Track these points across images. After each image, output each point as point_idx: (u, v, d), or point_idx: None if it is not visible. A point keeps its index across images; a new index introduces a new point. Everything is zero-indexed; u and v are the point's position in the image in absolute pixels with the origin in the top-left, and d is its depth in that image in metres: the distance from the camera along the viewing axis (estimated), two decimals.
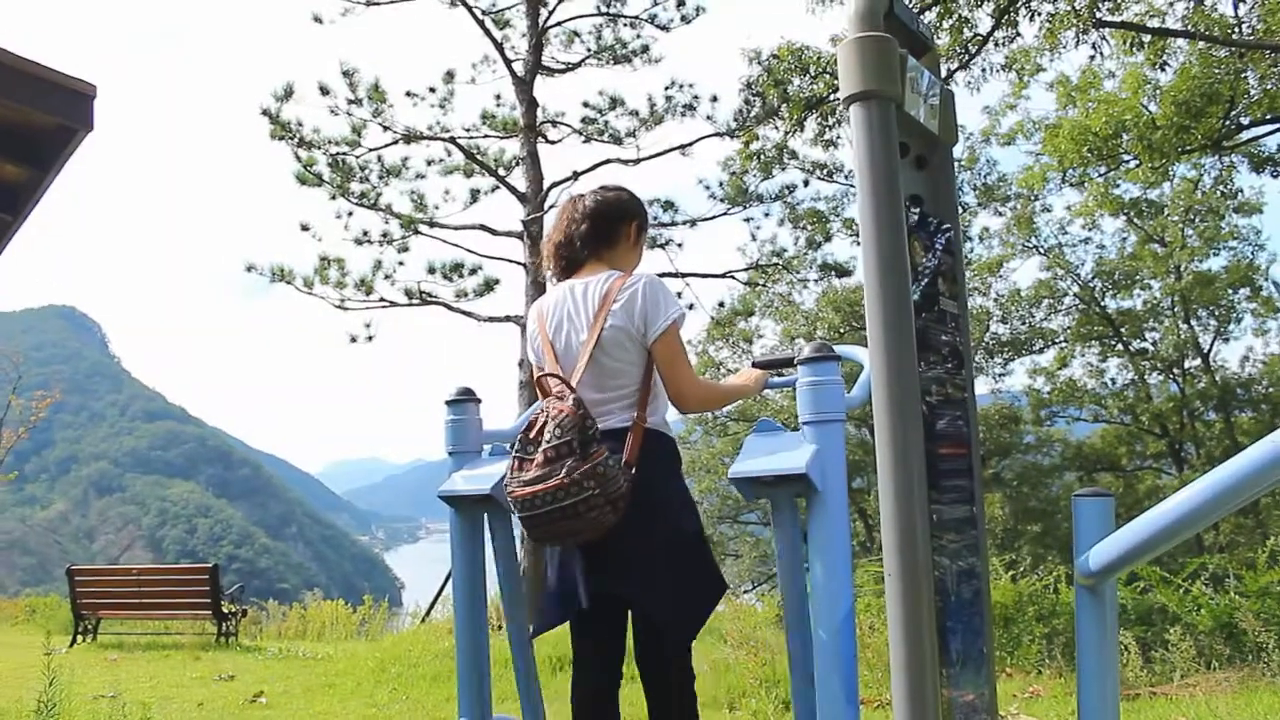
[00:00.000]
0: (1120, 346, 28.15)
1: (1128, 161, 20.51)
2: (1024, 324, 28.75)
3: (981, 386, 29.36)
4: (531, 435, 2.75)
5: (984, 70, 13.20)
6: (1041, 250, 27.74)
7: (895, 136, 2.41)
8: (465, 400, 3.38)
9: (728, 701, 6.29)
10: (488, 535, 3.36)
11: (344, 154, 11.73)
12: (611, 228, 3.06)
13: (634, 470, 2.76)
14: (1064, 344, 28.82)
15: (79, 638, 11.83)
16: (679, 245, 12.31)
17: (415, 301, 11.66)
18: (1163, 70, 14.78)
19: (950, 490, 2.54)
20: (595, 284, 2.94)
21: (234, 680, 8.59)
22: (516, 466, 2.73)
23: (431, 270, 11.72)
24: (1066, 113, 20.87)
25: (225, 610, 11.54)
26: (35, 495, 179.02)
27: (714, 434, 30.37)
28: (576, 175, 11.86)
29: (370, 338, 11.86)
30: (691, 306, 12.41)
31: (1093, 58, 13.67)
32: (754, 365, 3.32)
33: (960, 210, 27.04)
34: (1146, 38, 13.69)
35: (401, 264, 11.98)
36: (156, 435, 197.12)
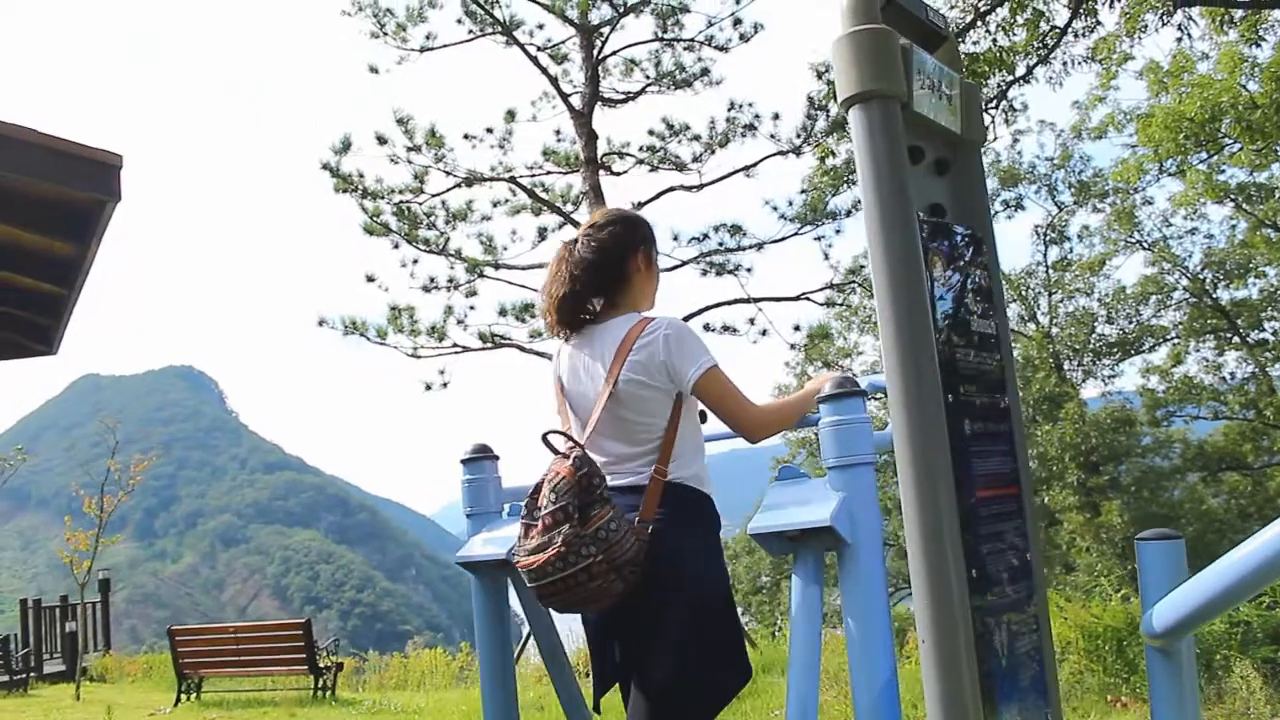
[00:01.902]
0: (1237, 339, 26.91)
1: (1229, 146, 19.61)
2: (1132, 323, 27.76)
3: (1091, 389, 28.37)
4: (534, 500, 2.51)
5: (1066, 64, 12.61)
6: (1145, 245, 26.75)
7: (901, 140, 2.12)
8: (481, 458, 3.17)
9: None
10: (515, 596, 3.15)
11: (408, 202, 11.75)
12: (618, 268, 2.75)
13: (650, 529, 2.48)
14: (1176, 340, 27.70)
15: (183, 696, 11.95)
16: (748, 270, 12.02)
17: (488, 345, 11.59)
18: (1259, 46, 13.98)
19: (995, 538, 2.22)
20: (613, 329, 2.67)
21: None
22: (523, 533, 2.51)
23: (503, 312, 11.61)
24: (1159, 100, 20.06)
25: (321, 664, 11.53)
26: (165, 550, 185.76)
27: (819, 455, 29.81)
28: (638, 205, 11.66)
29: (445, 384, 11.84)
30: (765, 333, 12.06)
31: (1180, 40, 12.96)
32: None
33: (1057, 210, 26.30)
34: (1238, 13, 12.97)
35: (472, 308, 11.94)
36: (276, 486, 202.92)
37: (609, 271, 2.73)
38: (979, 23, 11.74)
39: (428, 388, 11.89)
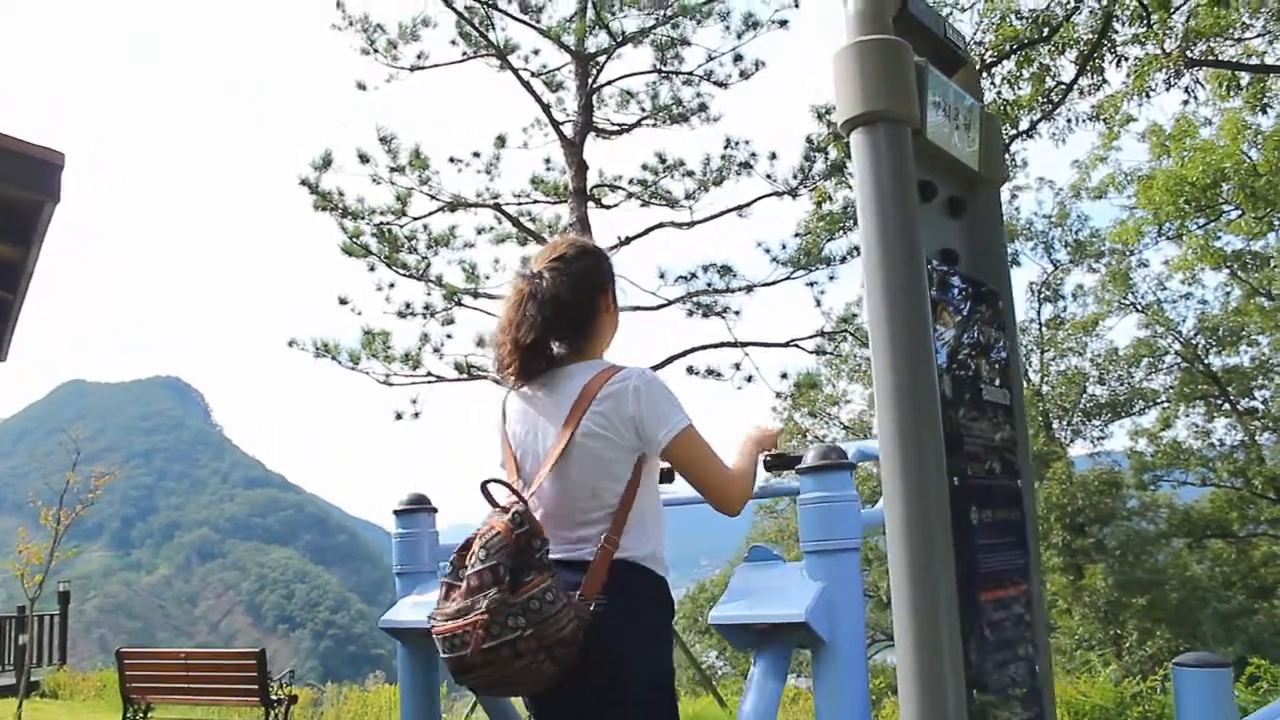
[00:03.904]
0: (1227, 406, 26.74)
1: (1229, 212, 19.50)
2: (1123, 384, 27.60)
3: (1080, 449, 28.13)
4: (461, 557, 2.14)
5: (1070, 121, 12.44)
6: (1139, 307, 26.64)
7: (911, 172, 1.78)
8: (416, 510, 2.81)
9: None
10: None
11: (389, 224, 11.44)
12: (589, 308, 2.38)
13: (592, 608, 2.10)
14: (1166, 404, 27.53)
15: None
16: (736, 313, 11.68)
17: (464, 376, 11.23)
18: (1264, 113, 13.85)
19: (1002, 648, 1.86)
20: (574, 377, 2.30)
21: None
22: (443, 594, 2.14)
23: (480, 343, 11.27)
24: (1160, 163, 19.99)
25: (274, 696, 11.07)
26: (140, 561, 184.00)
27: None
28: (626, 241, 11.37)
29: (417, 414, 11.48)
30: (750, 379, 11.73)
31: (1186, 102, 12.83)
32: (765, 465, 2.64)
33: (1052, 267, 26.19)
34: (1245, 79, 12.82)
35: (449, 337, 11.58)
36: (256, 502, 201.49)
37: (579, 311, 2.35)
38: (984, 74, 11.54)
39: (398, 417, 11.55)
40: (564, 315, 2.31)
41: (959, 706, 1.63)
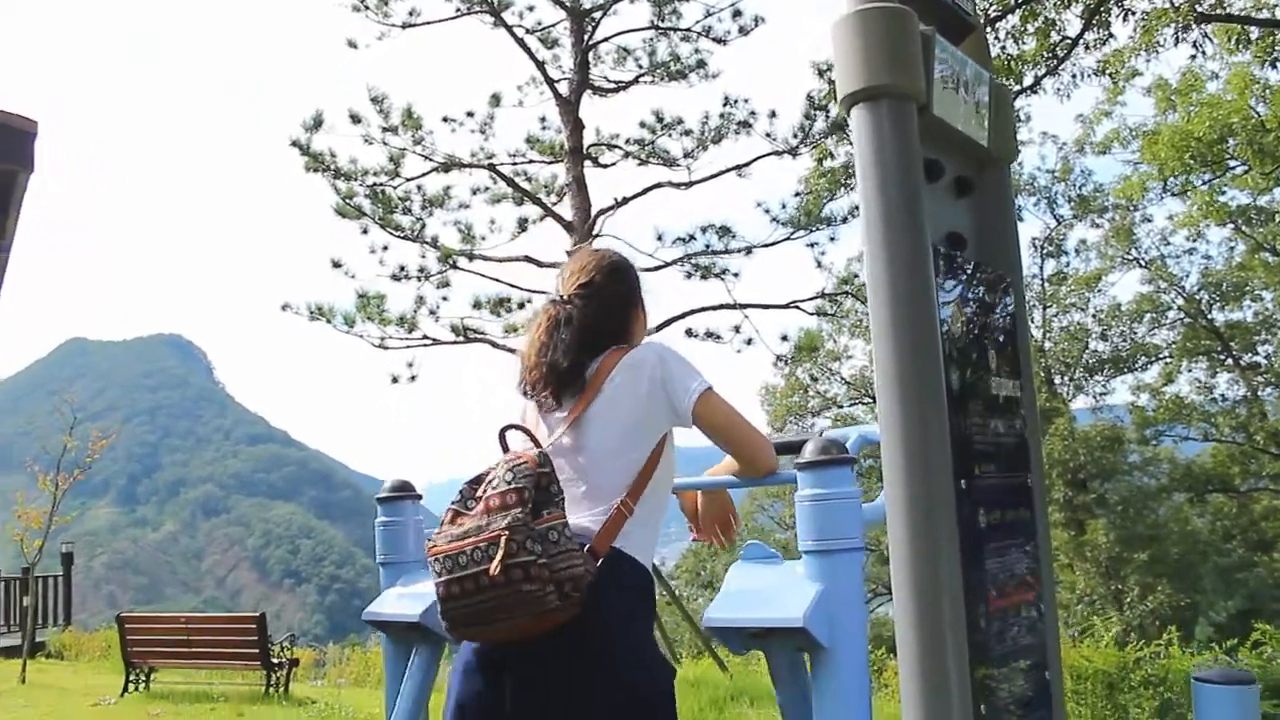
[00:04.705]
0: (1230, 361, 26.67)
1: (1234, 167, 19.29)
2: (1125, 340, 27.48)
3: (1081, 403, 28.09)
4: (474, 486, 2.07)
5: (1075, 76, 12.22)
6: (1142, 262, 26.48)
7: (917, 151, 1.66)
8: (400, 498, 2.71)
9: None
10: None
11: (382, 185, 11.24)
12: (620, 330, 2.35)
13: (600, 563, 2.03)
14: (1169, 359, 27.46)
15: (131, 686, 11.47)
16: (735, 275, 11.49)
17: (460, 339, 11.09)
18: (1273, 68, 13.59)
19: (1010, 658, 1.76)
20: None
21: None
22: (449, 519, 2.04)
23: (477, 305, 11.10)
24: (1166, 118, 19.76)
25: (275, 660, 11.08)
26: (146, 517, 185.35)
27: None
28: (623, 201, 11.17)
29: (413, 378, 11.35)
30: (750, 341, 11.58)
31: (1194, 57, 12.58)
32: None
33: (1055, 223, 26.02)
34: (1254, 33, 12.57)
35: (445, 299, 11.42)
36: (260, 459, 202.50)
37: (611, 334, 2.32)
38: (988, 29, 11.31)
39: (394, 380, 11.43)
40: (597, 338, 2.28)
41: (964, 703, 1.54)
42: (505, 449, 2.17)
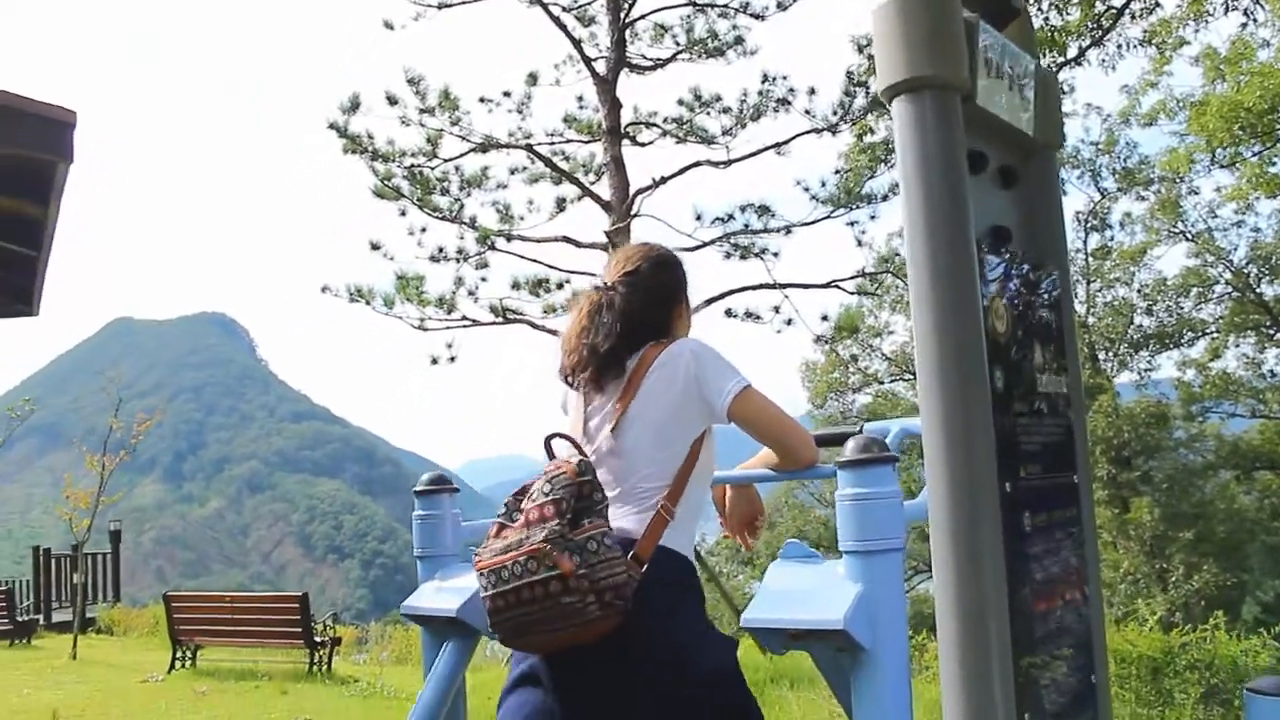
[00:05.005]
0: (1279, 335, 26.08)
1: None
2: (1171, 315, 26.98)
3: (1125, 379, 27.68)
4: (518, 499, 2.11)
5: (1120, 46, 11.98)
6: (1189, 236, 25.95)
7: (961, 144, 1.61)
8: (437, 491, 2.69)
9: None
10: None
11: (420, 166, 11.22)
12: (662, 324, 2.34)
13: (644, 568, 2.05)
14: (1216, 334, 26.95)
15: (178, 663, 11.67)
16: (774, 255, 11.37)
17: (499, 320, 11.09)
18: None
19: (1053, 663, 1.72)
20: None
21: None
22: (494, 532, 2.08)
23: (516, 286, 11.07)
24: (1215, 88, 19.31)
25: (318, 638, 11.22)
26: (193, 494, 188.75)
27: None
28: (661, 181, 11.07)
29: (452, 359, 11.36)
30: (790, 321, 11.46)
31: (1244, 25, 12.32)
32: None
33: (1100, 196, 25.60)
34: None
35: (484, 280, 11.40)
36: (304, 436, 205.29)
37: (653, 326, 2.31)
38: (1031, 1, 11.10)
39: (434, 361, 11.45)
40: (638, 328, 2.27)
41: (1008, 706, 1.50)
42: (551, 456, 2.17)
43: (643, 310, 2.29)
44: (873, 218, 11.81)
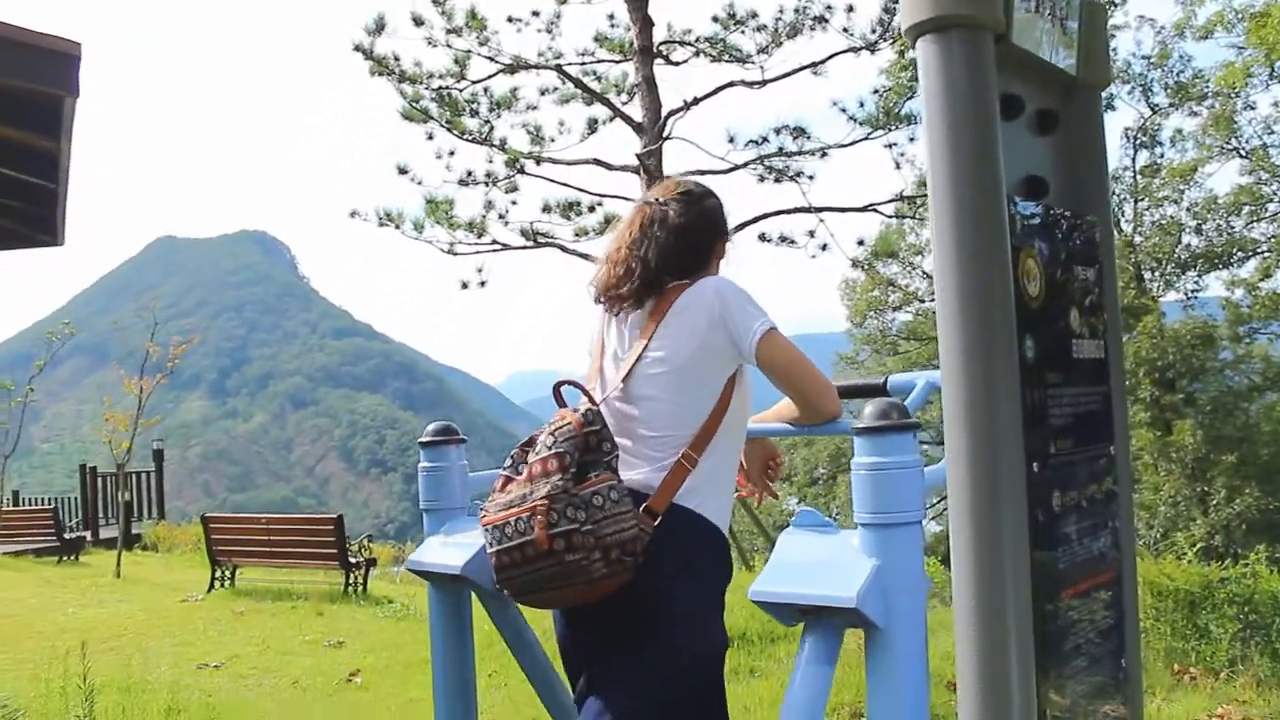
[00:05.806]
0: None
1: None
2: (1221, 234, 26.27)
3: (1171, 298, 27.14)
4: (524, 451, 2.05)
5: None
6: (1243, 153, 25.12)
7: (993, 89, 1.45)
8: (443, 442, 2.61)
9: None
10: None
11: (448, 88, 11.00)
12: (705, 249, 2.23)
13: (658, 523, 1.96)
14: (1268, 254, 26.24)
15: (216, 583, 11.89)
16: (810, 177, 11.08)
17: (530, 244, 10.96)
18: None
19: (1080, 652, 1.61)
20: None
21: (342, 647, 8.26)
22: (499, 486, 2.02)
23: (547, 209, 10.89)
24: None
25: (353, 560, 11.36)
26: (237, 409, 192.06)
27: (884, 352, 28.96)
28: (693, 102, 10.76)
29: (483, 283, 11.27)
30: (825, 247, 11.22)
31: None
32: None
33: (1150, 112, 24.85)
34: None
35: (514, 204, 11.23)
36: (345, 352, 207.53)
37: (698, 248, 2.21)
38: None
39: (464, 286, 11.35)
40: (685, 246, 2.17)
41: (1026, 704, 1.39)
42: (561, 404, 2.08)
43: (692, 229, 2.18)
44: (911, 139, 11.44)
